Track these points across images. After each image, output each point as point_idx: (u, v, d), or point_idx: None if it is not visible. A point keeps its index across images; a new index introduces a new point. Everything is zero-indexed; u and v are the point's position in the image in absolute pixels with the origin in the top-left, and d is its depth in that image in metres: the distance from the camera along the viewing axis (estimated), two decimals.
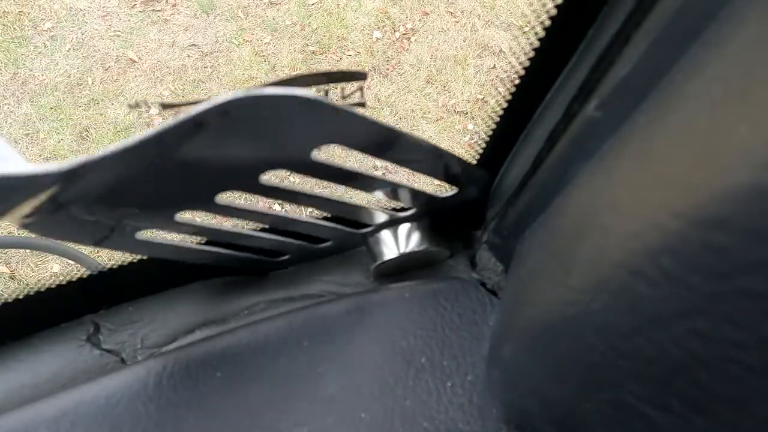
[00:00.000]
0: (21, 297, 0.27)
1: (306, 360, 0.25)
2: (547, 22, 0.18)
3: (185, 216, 0.23)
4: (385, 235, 0.31)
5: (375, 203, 0.28)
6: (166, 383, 0.25)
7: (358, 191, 0.25)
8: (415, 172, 0.25)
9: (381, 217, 0.29)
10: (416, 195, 0.27)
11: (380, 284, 0.32)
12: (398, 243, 0.30)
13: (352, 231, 0.29)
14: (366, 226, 0.29)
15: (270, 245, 0.29)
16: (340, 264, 0.33)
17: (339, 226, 0.28)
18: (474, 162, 0.27)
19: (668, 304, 0.11)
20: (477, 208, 0.30)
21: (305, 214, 0.29)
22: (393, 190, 0.26)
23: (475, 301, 0.27)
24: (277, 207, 1.47)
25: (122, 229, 0.22)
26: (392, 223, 0.30)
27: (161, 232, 0.24)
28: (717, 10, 0.12)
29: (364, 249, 0.32)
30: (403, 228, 0.31)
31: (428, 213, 0.30)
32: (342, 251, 0.32)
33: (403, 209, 0.29)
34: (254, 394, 0.24)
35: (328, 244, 0.31)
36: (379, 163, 1.56)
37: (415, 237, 0.30)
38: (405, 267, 0.32)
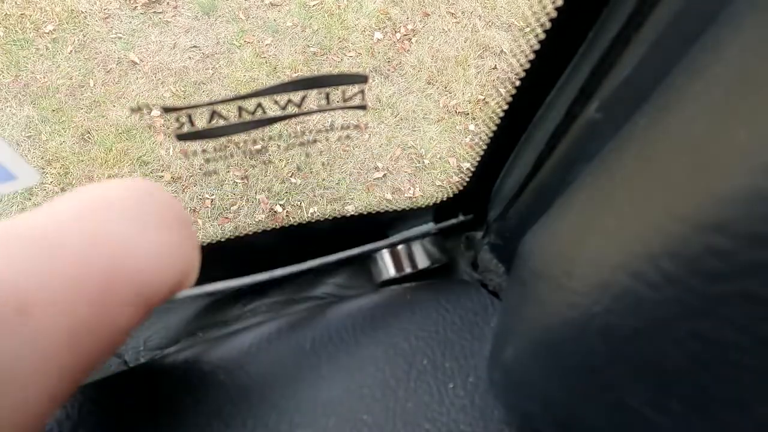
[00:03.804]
0: None
1: (308, 362, 0.25)
2: (548, 24, 0.18)
3: None
4: (386, 256, 0.31)
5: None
6: (169, 385, 0.25)
7: None
8: (414, 178, 0.25)
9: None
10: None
11: (382, 287, 0.32)
12: (397, 265, 0.31)
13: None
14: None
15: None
16: (341, 268, 0.33)
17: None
18: (475, 163, 0.27)
19: (669, 307, 0.11)
20: (478, 209, 0.30)
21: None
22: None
23: (477, 302, 0.27)
24: (278, 208, 1.47)
25: None
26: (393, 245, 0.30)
27: None
28: (717, 13, 0.12)
29: None
30: (404, 250, 0.31)
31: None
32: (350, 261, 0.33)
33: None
34: (256, 396, 0.24)
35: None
36: (380, 164, 1.56)
37: (417, 256, 0.31)
38: (408, 278, 0.32)
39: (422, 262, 0.31)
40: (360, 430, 0.22)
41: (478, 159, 0.27)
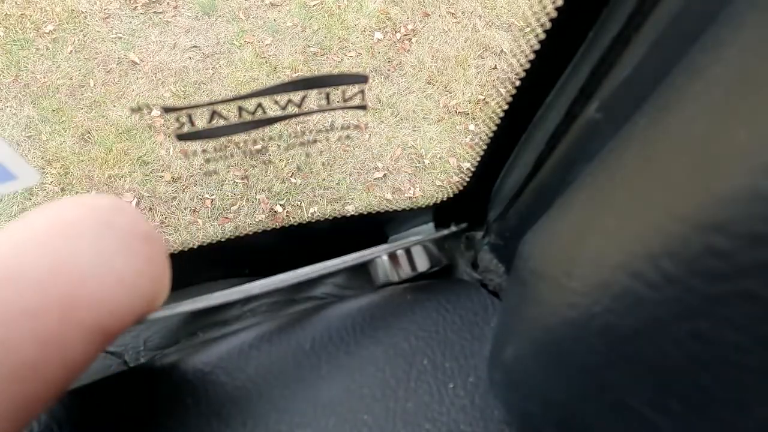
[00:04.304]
0: None
1: (308, 362, 0.25)
2: (548, 24, 0.18)
3: None
4: (386, 258, 0.31)
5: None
6: (169, 385, 0.25)
7: None
8: (415, 178, 0.25)
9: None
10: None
11: (382, 287, 0.32)
12: (397, 268, 0.31)
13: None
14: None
15: None
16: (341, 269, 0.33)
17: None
18: (475, 163, 0.27)
19: (669, 307, 0.11)
20: (478, 209, 0.30)
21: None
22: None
23: (477, 302, 0.27)
24: (279, 208, 1.47)
25: None
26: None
27: None
28: (717, 13, 0.12)
29: None
30: (404, 256, 0.31)
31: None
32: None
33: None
34: (256, 396, 0.24)
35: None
36: (380, 164, 1.56)
37: (417, 259, 0.31)
38: (407, 279, 0.32)
39: (422, 266, 0.31)
40: (360, 430, 0.22)
41: (478, 159, 0.27)
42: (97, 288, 0.13)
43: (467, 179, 0.28)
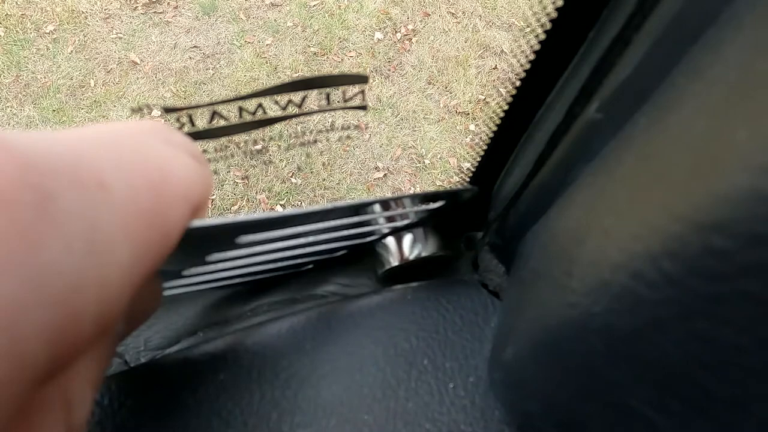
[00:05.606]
0: None
1: (309, 362, 0.25)
2: (548, 24, 0.18)
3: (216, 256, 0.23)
4: (390, 242, 0.31)
5: (374, 215, 0.28)
6: (169, 385, 0.25)
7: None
8: (415, 178, 0.25)
9: (383, 227, 0.29)
10: (411, 204, 0.27)
11: (383, 286, 0.32)
12: (402, 251, 0.31)
13: (359, 241, 0.30)
14: (371, 234, 0.30)
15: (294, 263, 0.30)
16: (344, 266, 0.33)
17: (347, 236, 0.28)
18: (476, 163, 0.27)
19: (669, 307, 0.11)
20: (479, 209, 0.30)
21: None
22: (386, 203, 0.26)
23: (477, 302, 0.27)
24: (279, 208, 1.47)
25: None
26: (396, 231, 0.30)
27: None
28: (717, 13, 0.12)
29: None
30: (408, 236, 0.31)
31: (427, 221, 0.30)
32: (354, 257, 0.33)
33: (402, 216, 0.29)
34: (257, 396, 0.24)
35: (341, 252, 0.31)
36: (380, 164, 1.56)
37: (420, 244, 0.31)
38: (410, 271, 0.32)
39: (421, 251, 0.31)
40: (361, 429, 0.22)
41: (479, 159, 0.27)
42: (178, 168, 0.14)
43: (467, 179, 0.28)
